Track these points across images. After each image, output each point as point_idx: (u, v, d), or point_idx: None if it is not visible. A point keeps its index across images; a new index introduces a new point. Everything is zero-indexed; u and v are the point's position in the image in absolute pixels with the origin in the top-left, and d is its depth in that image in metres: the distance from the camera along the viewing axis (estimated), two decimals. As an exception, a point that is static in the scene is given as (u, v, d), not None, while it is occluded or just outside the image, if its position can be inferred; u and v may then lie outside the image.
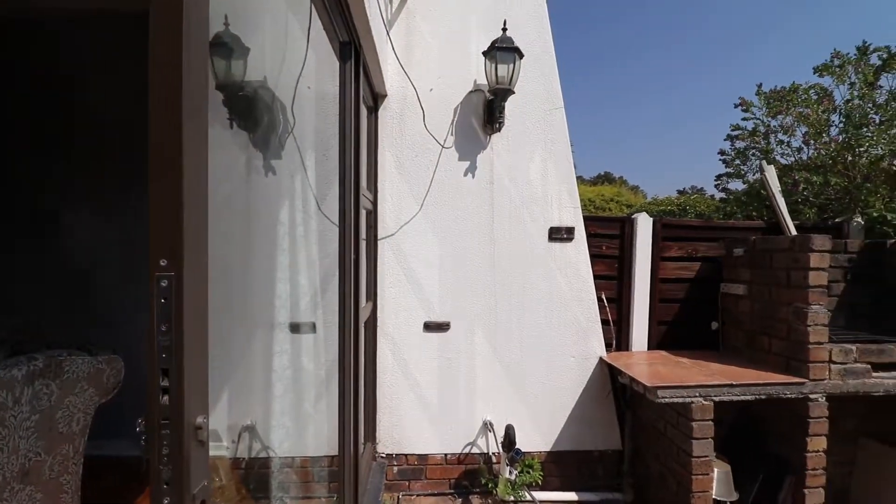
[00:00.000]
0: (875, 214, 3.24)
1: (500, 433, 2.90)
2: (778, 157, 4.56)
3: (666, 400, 2.35)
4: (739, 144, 4.97)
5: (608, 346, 3.10)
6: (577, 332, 3.04)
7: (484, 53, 2.80)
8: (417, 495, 2.99)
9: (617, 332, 3.17)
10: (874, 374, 2.47)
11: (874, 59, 4.07)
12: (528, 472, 2.85)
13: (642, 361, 2.90)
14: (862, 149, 3.72)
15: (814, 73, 4.27)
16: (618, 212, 10.15)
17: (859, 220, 3.27)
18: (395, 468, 2.98)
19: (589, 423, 3.05)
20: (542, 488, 2.97)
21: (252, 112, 2.65)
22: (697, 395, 2.35)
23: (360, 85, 2.16)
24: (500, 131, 2.97)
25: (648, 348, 3.14)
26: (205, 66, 0.70)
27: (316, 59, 2.45)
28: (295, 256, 2.43)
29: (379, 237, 2.92)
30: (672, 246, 3.16)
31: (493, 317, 3.00)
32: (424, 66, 2.95)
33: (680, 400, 2.35)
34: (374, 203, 2.88)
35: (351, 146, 1.99)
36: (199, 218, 0.66)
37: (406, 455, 2.99)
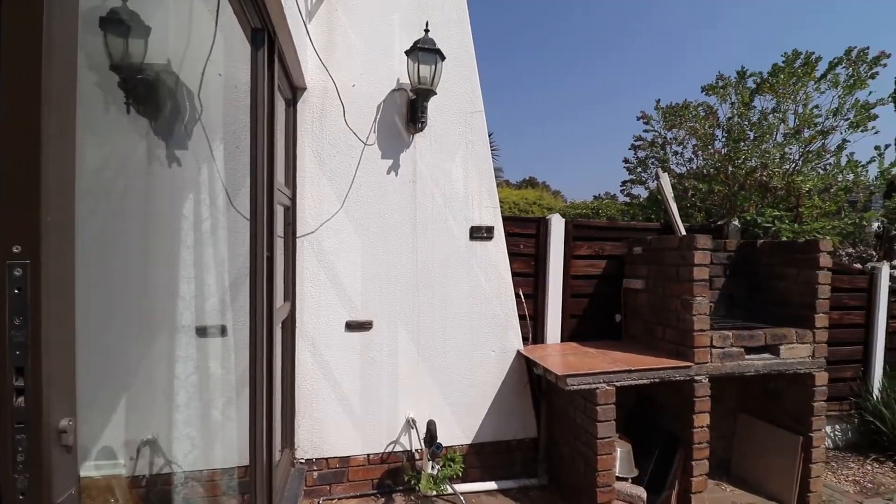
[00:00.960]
0: (749, 218, 3.73)
1: (423, 430, 2.93)
2: (673, 167, 5.09)
3: (574, 387, 2.52)
4: (641, 154, 5.48)
5: (525, 339, 3.25)
6: (496, 327, 3.15)
7: (407, 53, 2.82)
8: (339, 499, 2.92)
9: (533, 325, 3.34)
10: (746, 357, 2.85)
11: (750, 83, 4.68)
12: (450, 466, 2.91)
13: (555, 353, 3.08)
14: (739, 161, 4.26)
15: (701, 92, 4.84)
16: (539, 214, 10.66)
17: (736, 222, 3.74)
18: (316, 473, 2.89)
19: (508, 414, 3.18)
20: (464, 480, 3.04)
21: (153, 96, 2.43)
22: (601, 381, 2.55)
23: (274, 74, 2.08)
24: (422, 131, 3.00)
25: (561, 340, 3.35)
26: (72, 36, 0.64)
27: (227, 44, 2.31)
28: (202, 254, 2.27)
29: (298, 234, 2.82)
30: (582, 245, 3.40)
31: (416, 314, 3.02)
32: (347, 61, 2.90)
33: (586, 386, 2.54)
34: (293, 199, 2.78)
35: (264, 138, 1.91)
36: (63, 200, 0.60)
37: (327, 459, 2.91)
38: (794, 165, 4.30)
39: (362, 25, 2.93)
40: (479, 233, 3.09)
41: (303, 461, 2.87)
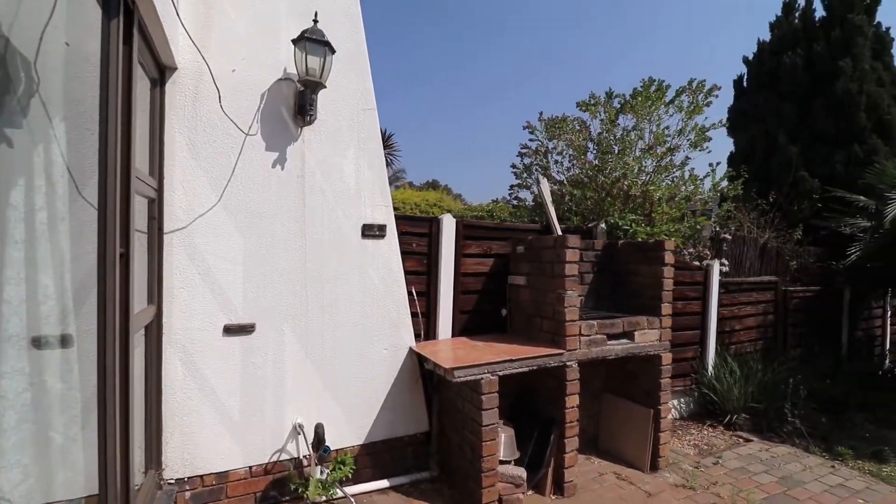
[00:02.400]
0: (613, 221, 4.24)
1: (312, 434, 2.83)
2: (554, 174, 5.61)
3: (461, 379, 2.64)
4: (527, 161, 5.95)
5: (417, 336, 3.32)
6: (389, 325, 3.16)
7: (294, 42, 2.71)
8: (216, 518, 2.69)
9: (426, 323, 3.41)
10: (608, 343, 3.22)
11: (616, 103, 5.33)
12: (340, 468, 2.84)
13: (446, 348, 3.19)
14: (607, 171, 4.83)
15: (576, 108, 5.40)
16: (439, 215, 10.93)
17: (603, 225, 4.22)
18: (189, 493, 2.63)
19: (401, 411, 3.21)
20: (356, 481, 3.00)
21: (-28, 62, 2.02)
22: (486, 371, 2.70)
23: (133, 49, 1.86)
24: (312, 124, 2.91)
25: (452, 336, 3.47)
26: None
27: (75, 10, 2.01)
28: (36, 251, 1.93)
29: (166, 230, 2.54)
30: (472, 244, 3.56)
31: (305, 314, 2.91)
32: (226, 44, 2.69)
33: (472, 377, 2.67)
34: (159, 191, 2.50)
35: (117, 119, 1.70)
36: None
37: (202, 476, 2.67)
38: (648, 177, 4.99)
39: (244, 8, 2.74)
40: (372, 231, 3.08)
41: (172, 481, 2.59)
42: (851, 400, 4.68)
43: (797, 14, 8.17)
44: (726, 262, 5.09)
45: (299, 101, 2.84)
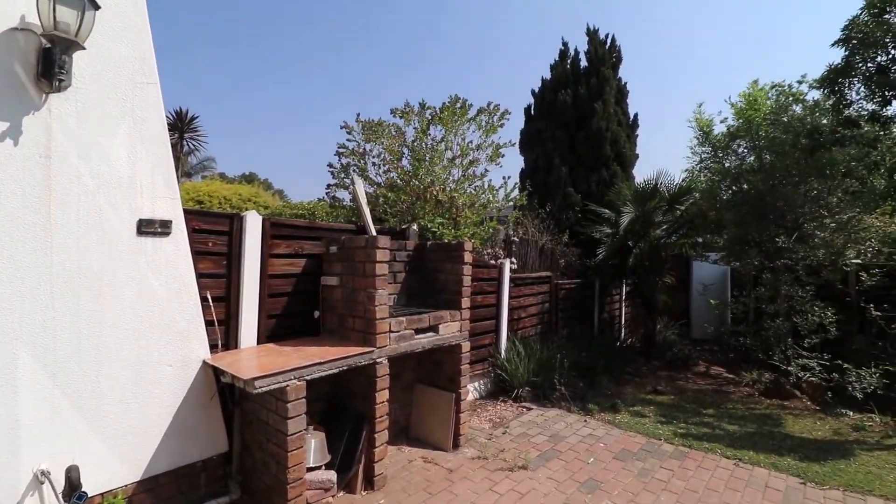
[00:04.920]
0: (423, 224, 4.55)
1: (63, 481, 2.26)
2: (372, 176, 5.72)
3: (264, 389, 2.46)
4: (344, 161, 5.92)
5: (215, 346, 2.97)
6: (176, 337, 2.75)
7: (34, -15, 2.13)
8: None
9: (225, 331, 3.08)
10: (416, 337, 3.44)
11: (428, 115, 5.72)
12: (106, 515, 2.35)
13: (249, 357, 2.93)
14: (419, 177, 5.15)
15: (390, 114, 5.62)
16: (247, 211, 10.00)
17: (415, 227, 4.49)
18: None
19: (192, 434, 2.82)
20: (130, 527, 2.52)
21: None
22: (292, 377, 2.58)
23: None
24: (63, 91, 2.32)
25: (259, 342, 3.21)
26: None
27: None
28: None
29: None
30: (281, 244, 3.36)
31: (52, 333, 2.31)
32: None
33: (277, 385, 2.52)
34: None
35: None
36: None
37: None
38: (455, 184, 5.51)
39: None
40: (152, 227, 2.63)
41: None
42: (599, 367, 6.01)
43: (569, 61, 10.10)
44: (515, 261, 5.98)
45: (44, 61, 2.24)
